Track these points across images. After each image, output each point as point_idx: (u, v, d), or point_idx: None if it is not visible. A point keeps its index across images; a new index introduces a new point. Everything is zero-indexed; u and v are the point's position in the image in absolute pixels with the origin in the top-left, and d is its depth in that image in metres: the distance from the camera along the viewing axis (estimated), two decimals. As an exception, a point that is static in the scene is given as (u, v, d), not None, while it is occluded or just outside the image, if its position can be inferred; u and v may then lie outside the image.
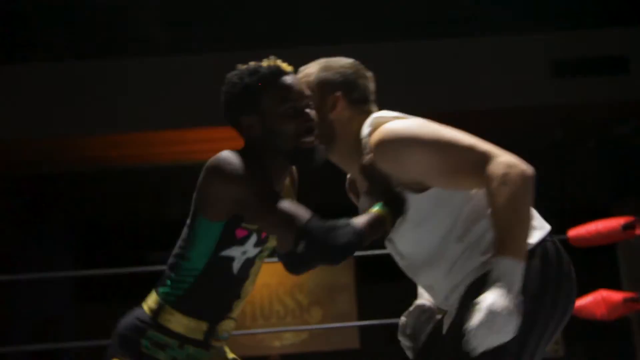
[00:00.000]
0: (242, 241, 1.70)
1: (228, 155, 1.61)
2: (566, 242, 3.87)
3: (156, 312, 1.70)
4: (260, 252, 1.76)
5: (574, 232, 3.94)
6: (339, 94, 1.76)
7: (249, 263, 1.73)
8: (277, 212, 1.56)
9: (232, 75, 1.69)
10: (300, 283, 9.06)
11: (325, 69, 1.81)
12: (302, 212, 1.57)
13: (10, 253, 7.18)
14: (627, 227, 3.81)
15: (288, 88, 1.65)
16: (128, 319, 1.73)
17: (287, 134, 1.66)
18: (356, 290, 9.35)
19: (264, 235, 1.68)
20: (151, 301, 1.72)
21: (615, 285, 4.13)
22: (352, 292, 9.29)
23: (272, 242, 1.75)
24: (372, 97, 1.81)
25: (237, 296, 1.77)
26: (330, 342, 8.87)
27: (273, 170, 1.70)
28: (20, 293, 7.28)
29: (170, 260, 1.75)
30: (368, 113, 1.76)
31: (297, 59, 1.89)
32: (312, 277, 9.61)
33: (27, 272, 6.82)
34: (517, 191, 1.58)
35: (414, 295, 2.05)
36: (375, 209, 1.61)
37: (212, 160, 1.62)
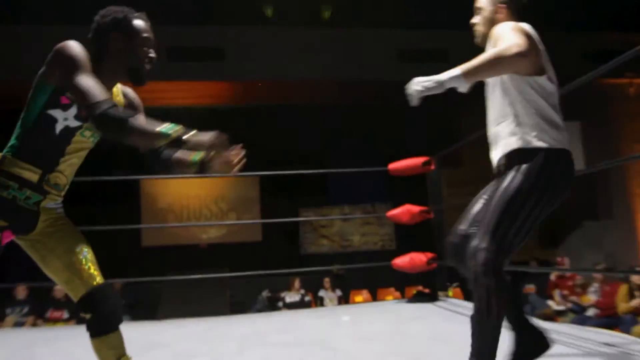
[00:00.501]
0: (64, 107, 1.70)
1: (75, 43, 1.67)
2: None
3: (1, 162, 1.70)
4: (81, 127, 1.76)
5: (392, 166, 4.41)
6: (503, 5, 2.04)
7: (69, 130, 1.74)
8: (80, 85, 1.59)
9: (112, 9, 1.78)
10: (222, 194, 9.55)
11: None
12: (98, 93, 1.59)
13: None
14: (425, 164, 4.24)
15: (146, 30, 1.80)
16: None
17: (140, 55, 1.79)
18: (260, 201, 9.95)
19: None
20: None
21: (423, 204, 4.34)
22: (257, 202, 9.73)
23: (91, 127, 1.75)
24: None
25: (62, 154, 1.75)
26: (241, 236, 9.50)
27: (107, 74, 1.76)
28: None
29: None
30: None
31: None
32: (230, 190, 9.82)
33: None
34: (500, 54, 1.79)
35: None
36: (169, 128, 1.63)
37: (63, 42, 1.67)
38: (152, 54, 1.80)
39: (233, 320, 4.23)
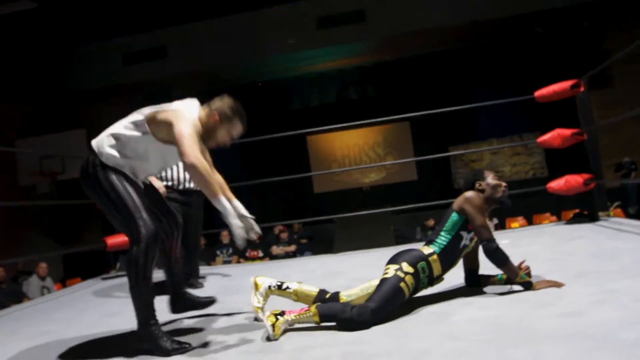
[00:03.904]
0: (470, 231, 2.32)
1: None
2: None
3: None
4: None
5: (539, 92, 4.02)
6: None
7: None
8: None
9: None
10: (378, 141, 9.57)
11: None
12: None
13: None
14: (573, 87, 3.86)
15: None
16: None
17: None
18: (413, 143, 9.80)
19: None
20: None
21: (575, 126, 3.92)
22: (410, 144, 9.38)
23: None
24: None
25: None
26: (398, 177, 9.50)
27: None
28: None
29: None
30: None
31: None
32: (385, 137, 9.81)
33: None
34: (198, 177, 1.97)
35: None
36: None
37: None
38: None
39: (400, 248, 4.25)
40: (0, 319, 3.37)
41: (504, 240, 3.81)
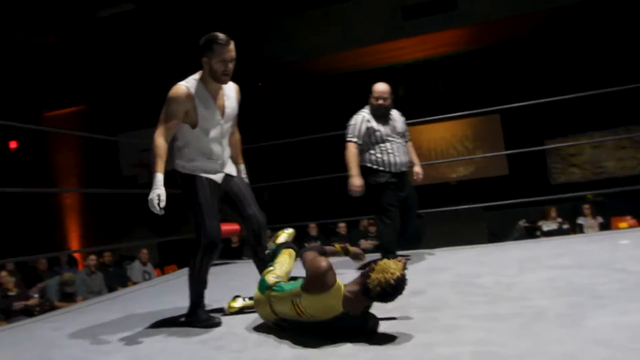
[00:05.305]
0: None
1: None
2: None
3: None
4: None
5: None
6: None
7: None
8: None
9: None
10: (466, 134, 9.32)
11: None
12: None
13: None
14: None
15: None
16: None
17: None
18: (503, 136, 9.27)
19: None
20: None
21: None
22: (501, 138, 9.14)
23: None
24: None
25: None
26: (488, 172, 9.21)
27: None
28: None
29: None
30: None
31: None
32: (474, 129, 9.51)
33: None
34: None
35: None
36: None
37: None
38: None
39: (501, 246, 4.02)
40: (114, 299, 3.61)
41: (624, 240, 3.51)
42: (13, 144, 11.20)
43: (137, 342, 2.21)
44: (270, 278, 2.18)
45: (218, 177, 2.44)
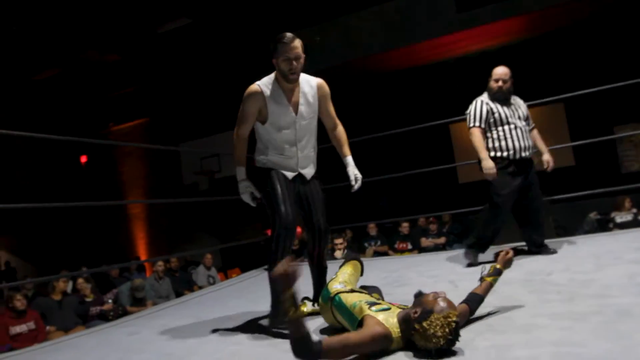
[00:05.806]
0: None
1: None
2: None
3: None
4: None
5: None
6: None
7: None
8: None
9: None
10: None
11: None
12: None
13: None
14: None
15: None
16: None
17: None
18: (568, 125, 8.80)
19: None
20: None
21: None
22: (565, 126, 8.70)
23: None
24: None
25: None
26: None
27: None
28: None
29: None
30: None
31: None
32: (535, 119, 9.08)
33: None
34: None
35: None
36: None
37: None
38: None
39: (572, 240, 3.80)
40: (182, 304, 3.72)
41: None
42: (83, 158, 11.90)
43: (209, 347, 2.26)
44: (334, 286, 2.14)
45: (291, 175, 2.44)
